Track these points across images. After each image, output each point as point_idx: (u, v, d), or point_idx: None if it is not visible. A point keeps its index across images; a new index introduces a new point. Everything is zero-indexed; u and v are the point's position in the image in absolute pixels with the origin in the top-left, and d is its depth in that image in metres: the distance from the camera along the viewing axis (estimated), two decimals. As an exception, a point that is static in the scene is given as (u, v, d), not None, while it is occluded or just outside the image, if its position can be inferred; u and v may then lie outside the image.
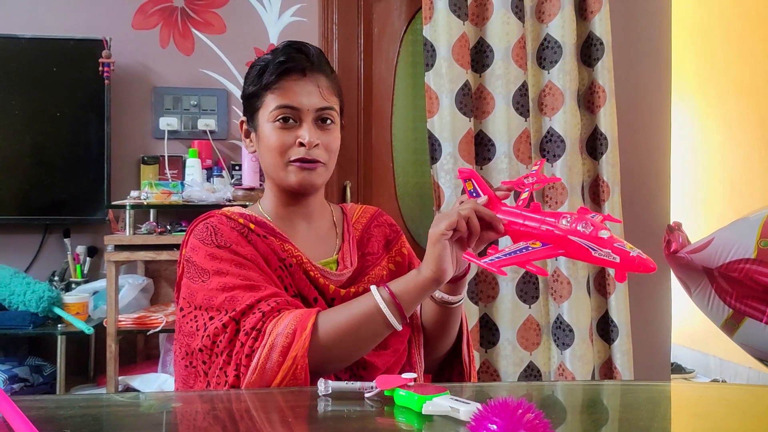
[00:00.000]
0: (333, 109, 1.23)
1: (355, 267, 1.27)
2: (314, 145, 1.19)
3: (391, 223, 1.41)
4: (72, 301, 2.41)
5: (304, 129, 1.20)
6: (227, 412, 0.94)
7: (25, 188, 2.69)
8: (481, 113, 2.55)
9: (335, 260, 1.28)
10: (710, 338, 3.11)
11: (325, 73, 1.24)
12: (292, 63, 1.20)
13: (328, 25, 2.85)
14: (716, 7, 4.20)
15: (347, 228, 1.33)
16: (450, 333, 1.29)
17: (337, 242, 1.31)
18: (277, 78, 1.20)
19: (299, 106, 1.20)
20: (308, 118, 1.20)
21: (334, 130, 1.24)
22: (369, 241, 1.33)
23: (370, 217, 1.38)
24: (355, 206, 1.42)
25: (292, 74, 1.21)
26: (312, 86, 1.21)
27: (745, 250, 2.48)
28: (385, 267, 1.31)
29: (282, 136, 1.20)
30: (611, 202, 2.55)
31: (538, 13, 2.57)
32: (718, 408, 0.99)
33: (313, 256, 1.25)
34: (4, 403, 0.77)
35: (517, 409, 0.66)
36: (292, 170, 1.21)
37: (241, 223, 1.22)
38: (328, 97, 1.23)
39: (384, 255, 1.34)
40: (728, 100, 4.13)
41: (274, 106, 1.21)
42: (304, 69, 1.21)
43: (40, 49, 2.65)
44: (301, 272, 1.20)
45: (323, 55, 1.27)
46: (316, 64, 1.22)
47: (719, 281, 2.55)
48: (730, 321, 2.61)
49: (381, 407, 0.91)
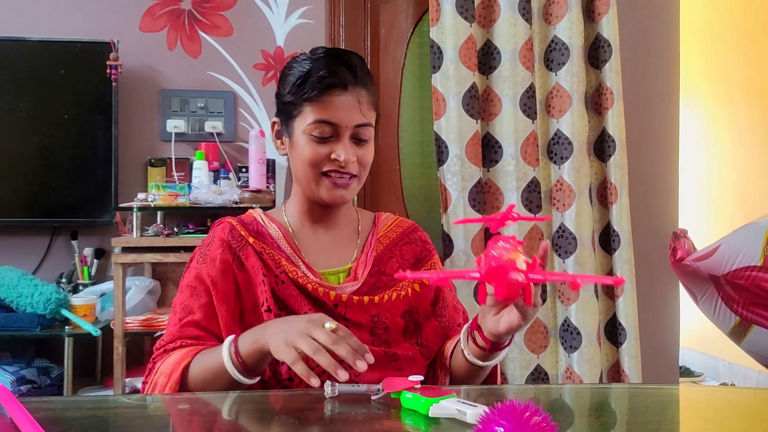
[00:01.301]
0: (371, 125, 1.22)
1: (363, 282, 1.25)
2: (350, 162, 1.19)
3: (426, 240, 1.37)
4: (79, 303, 2.42)
5: (340, 146, 1.19)
6: (234, 414, 0.94)
7: (33, 190, 2.70)
8: (488, 115, 2.55)
9: (347, 270, 1.27)
10: (719, 342, 3.10)
11: (366, 86, 1.22)
12: (335, 78, 1.18)
13: (334, 27, 2.85)
14: (724, 9, 4.19)
15: (370, 240, 1.31)
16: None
17: (355, 252, 1.29)
18: (318, 93, 1.18)
19: (338, 122, 1.19)
20: (346, 134, 1.19)
21: (370, 144, 1.24)
22: (390, 260, 1.30)
23: (401, 233, 1.35)
24: (389, 218, 1.38)
25: (335, 89, 1.19)
26: (353, 101, 1.19)
27: (751, 257, 2.47)
28: (407, 286, 1.28)
29: (317, 149, 1.20)
30: (619, 205, 2.54)
31: (546, 15, 2.57)
32: (726, 412, 0.98)
33: (321, 264, 1.25)
34: (11, 404, 0.77)
35: (525, 412, 0.66)
36: (324, 184, 1.21)
37: (241, 234, 1.23)
38: (367, 112, 1.21)
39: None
40: (737, 102, 4.11)
41: (312, 119, 1.19)
42: (346, 84, 1.19)
43: (47, 52, 2.66)
44: (293, 287, 1.20)
45: (365, 66, 1.25)
46: (359, 77, 1.21)
47: (726, 289, 2.54)
48: (737, 329, 2.60)
49: (387, 410, 0.91)
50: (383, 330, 1.22)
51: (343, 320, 1.20)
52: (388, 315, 1.23)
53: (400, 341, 1.23)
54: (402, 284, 1.27)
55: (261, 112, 2.82)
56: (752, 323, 2.54)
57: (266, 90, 2.83)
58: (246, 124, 2.81)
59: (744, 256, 2.47)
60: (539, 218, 2.38)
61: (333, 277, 1.26)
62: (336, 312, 1.20)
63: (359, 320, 1.21)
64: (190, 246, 2.34)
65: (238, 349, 1.06)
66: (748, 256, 2.47)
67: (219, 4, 2.81)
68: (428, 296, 1.30)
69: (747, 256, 2.47)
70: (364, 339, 1.19)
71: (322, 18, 2.84)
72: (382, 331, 1.22)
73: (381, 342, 1.22)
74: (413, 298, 1.27)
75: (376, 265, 1.28)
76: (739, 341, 2.65)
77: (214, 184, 2.60)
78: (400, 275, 0.96)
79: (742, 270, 2.47)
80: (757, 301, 2.49)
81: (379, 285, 1.26)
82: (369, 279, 1.25)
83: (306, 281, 1.20)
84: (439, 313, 1.31)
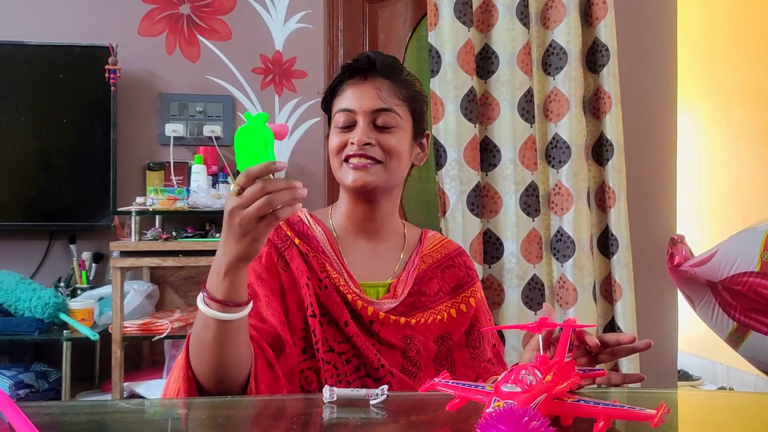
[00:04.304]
0: (392, 111, 1.20)
1: (402, 301, 1.23)
2: (364, 143, 1.18)
3: (469, 266, 1.35)
4: (77, 307, 2.41)
5: (357, 130, 1.19)
6: (232, 419, 0.94)
7: (31, 194, 2.70)
8: (486, 119, 2.55)
9: (387, 286, 1.25)
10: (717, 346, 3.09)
11: (389, 76, 1.22)
12: (352, 70, 1.22)
13: (333, 31, 2.86)
14: (722, 13, 4.20)
15: (414, 257, 1.29)
16: None
17: (396, 268, 1.28)
18: (338, 84, 1.23)
19: (354, 108, 1.20)
20: (363, 120, 1.19)
21: (397, 132, 1.21)
22: (431, 281, 1.28)
23: (446, 254, 1.33)
24: (436, 236, 1.36)
25: (355, 78, 1.22)
26: (370, 89, 1.21)
27: (748, 263, 2.47)
28: (444, 311, 1.26)
29: (339, 137, 1.21)
30: (617, 209, 2.55)
31: (543, 20, 2.57)
32: (724, 416, 0.98)
33: (361, 275, 1.23)
34: (9, 409, 0.77)
35: (523, 416, 0.66)
36: (346, 169, 1.20)
37: (287, 235, 1.22)
38: (389, 99, 1.21)
39: (447, 298, 1.29)
40: (734, 107, 4.12)
41: (336, 110, 1.23)
42: (366, 73, 1.21)
43: (46, 56, 2.66)
44: (335, 294, 1.18)
45: (396, 63, 1.26)
46: (379, 68, 1.22)
47: (723, 295, 2.54)
48: (734, 334, 2.60)
49: (386, 415, 0.91)
50: (415, 353, 1.20)
51: (376, 338, 1.19)
52: (421, 338, 1.21)
53: (430, 367, 1.22)
54: (439, 308, 1.26)
55: (259, 116, 2.82)
56: (750, 329, 2.53)
57: (265, 94, 2.83)
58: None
59: (741, 261, 2.47)
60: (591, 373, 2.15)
61: (372, 290, 1.24)
62: (371, 328, 1.19)
63: (392, 341, 1.19)
64: (189, 250, 2.34)
65: (208, 293, 0.97)
66: (746, 262, 2.47)
67: (218, 8, 2.82)
68: (464, 324, 1.28)
69: (744, 261, 2.47)
70: (395, 360, 1.18)
71: (321, 22, 2.84)
72: (414, 354, 1.20)
73: (412, 365, 1.20)
74: (449, 324, 1.26)
75: (416, 285, 1.26)
76: (737, 347, 2.64)
77: (213, 188, 2.60)
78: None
79: (740, 276, 2.47)
80: (755, 306, 2.49)
81: (417, 305, 1.24)
82: (408, 298, 1.24)
83: (347, 290, 1.19)
84: (473, 344, 1.29)
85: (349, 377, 1.16)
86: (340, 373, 1.16)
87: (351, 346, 1.17)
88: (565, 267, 2.50)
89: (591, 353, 1.02)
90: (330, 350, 1.16)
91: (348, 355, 1.17)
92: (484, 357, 1.29)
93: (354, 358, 1.17)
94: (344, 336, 1.17)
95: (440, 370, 1.22)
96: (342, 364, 1.16)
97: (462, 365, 1.26)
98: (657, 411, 0.73)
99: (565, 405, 0.78)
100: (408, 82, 1.25)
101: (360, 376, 1.16)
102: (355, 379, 1.16)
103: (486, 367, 1.29)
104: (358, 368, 1.17)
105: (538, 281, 2.49)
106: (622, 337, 0.99)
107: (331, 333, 1.17)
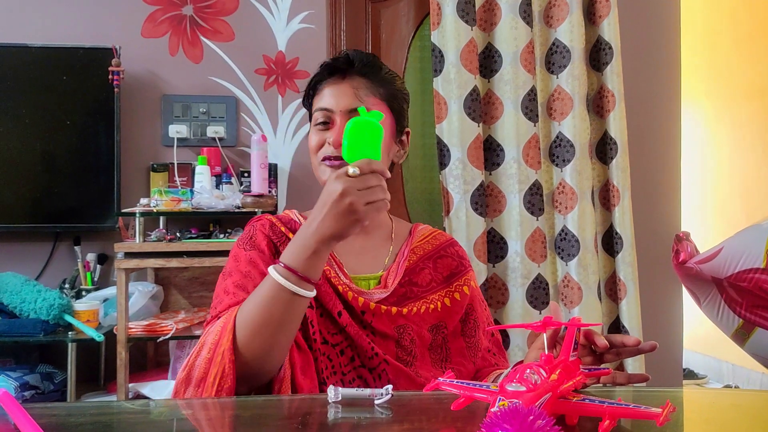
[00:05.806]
0: None
1: (392, 292, 1.24)
2: (340, 144, 1.18)
3: (462, 256, 1.36)
4: (82, 308, 2.42)
5: (333, 129, 1.20)
6: (237, 420, 0.94)
7: (35, 196, 2.70)
8: (489, 118, 2.55)
9: (377, 278, 1.26)
10: (722, 344, 3.09)
11: (368, 75, 1.23)
12: (329, 69, 1.23)
13: (336, 31, 2.86)
14: (726, 11, 4.19)
15: (404, 249, 1.30)
16: None
17: (386, 260, 1.29)
18: (316, 83, 1.24)
19: (330, 107, 1.21)
20: (341, 120, 1.20)
21: None
22: (422, 271, 1.28)
23: (437, 246, 1.34)
24: (426, 229, 1.37)
25: (333, 76, 1.23)
26: (347, 88, 1.22)
27: (754, 259, 2.47)
28: (438, 300, 1.27)
29: (318, 135, 1.23)
30: (621, 207, 2.54)
31: (547, 18, 2.57)
32: (730, 414, 0.98)
33: (353, 269, 1.24)
34: (15, 410, 0.78)
35: (528, 416, 0.66)
36: (324, 169, 1.22)
37: (281, 231, 1.24)
38: (366, 98, 1.21)
39: (440, 288, 1.29)
40: (738, 104, 4.11)
41: (314, 108, 1.24)
42: (344, 72, 1.22)
43: (50, 58, 2.67)
44: (328, 286, 1.19)
45: (376, 61, 1.26)
46: (357, 67, 1.22)
47: (729, 291, 2.53)
48: (740, 331, 2.60)
49: (391, 415, 0.91)
50: (409, 342, 1.21)
51: (368, 328, 1.19)
52: (414, 328, 1.22)
53: (425, 356, 1.22)
54: (432, 298, 1.26)
55: (263, 116, 2.82)
56: (755, 325, 2.53)
57: (268, 95, 2.83)
58: (248, 129, 2.81)
59: (747, 258, 2.47)
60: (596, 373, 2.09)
61: (363, 282, 1.25)
62: (363, 319, 1.19)
63: (385, 330, 1.19)
64: (193, 251, 2.34)
65: (290, 267, 1.03)
66: (751, 259, 2.46)
67: (220, 9, 2.82)
68: (458, 313, 1.29)
69: (750, 258, 2.47)
70: (389, 350, 1.19)
71: (324, 22, 2.84)
72: (408, 343, 1.21)
73: (406, 354, 1.20)
74: (443, 313, 1.26)
75: (407, 275, 1.26)
76: (743, 344, 2.64)
77: (217, 189, 2.60)
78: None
79: (745, 272, 2.47)
80: (760, 303, 2.48)
81: (408, 296, 1.25)
82: (399, 288, 1.24)
83: (338, 282, 1.20)
84: (469, 333, 1.30)
85: (344, 368, 1.17)
86: (335, 364, 1.17)
87: (345, 337, 1.18)
88: (569, 266, 2.50)
89: (596, 352, 1.02)
90: (324, 342, 1.17)
91: (342, 346, 1.18)
92: (481, 346, 1.30)
93: (348, 349, 1.18)
94: (338, 327, 1.18)
95: (436, 359, 1.23)
96: (336, 356, 1.17)
97: (458, 354, 1.27)
98: (662, 409, 0.73)
99: (570, 404, 0.78)
100: (387, 80, 1.26)
101: (355, 367, 1.17)
102: (350, 370, 1.17)
103: (485, 356, 1.30)
104: (353, 359, 1.18)
105: (542, 280, 2.49)
106: (627, 340, 1.00)
107: (325, 325, 1.18)
